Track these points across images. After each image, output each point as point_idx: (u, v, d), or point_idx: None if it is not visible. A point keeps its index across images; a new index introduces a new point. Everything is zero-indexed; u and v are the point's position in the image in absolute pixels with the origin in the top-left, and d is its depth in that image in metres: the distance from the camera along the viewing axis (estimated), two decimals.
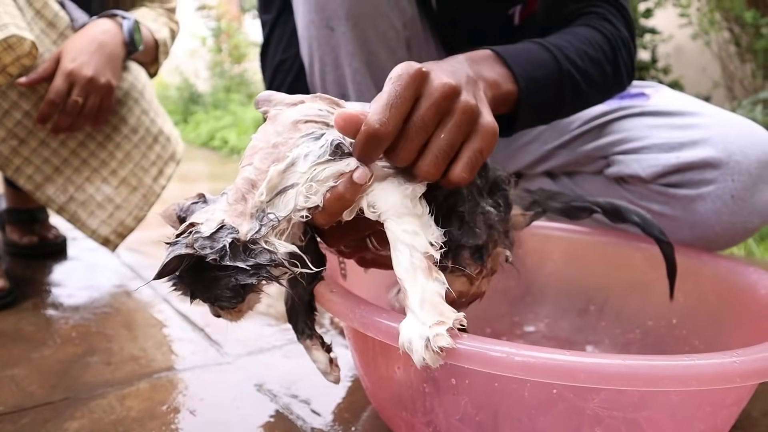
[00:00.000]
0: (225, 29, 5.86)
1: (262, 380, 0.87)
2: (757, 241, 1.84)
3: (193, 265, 0.51)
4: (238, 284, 0.51)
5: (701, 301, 0.83)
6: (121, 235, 1.25)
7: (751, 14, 2.24)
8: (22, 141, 1.14)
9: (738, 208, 0.84)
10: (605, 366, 0.47)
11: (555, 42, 0.81)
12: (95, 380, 0.87)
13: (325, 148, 0.53)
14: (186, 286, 0.53)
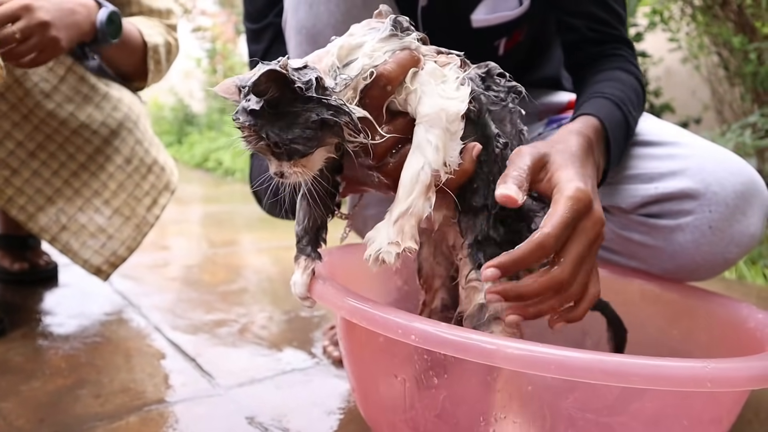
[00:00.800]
0: (220, 51, 5.89)
1: (253, 412, 0.86)
2: (748, 264, 1.85)
3: (273, 102, 0.53)
4: (318, 119, 0.54)
5: (695, 338, 0.84)
6: (113, 265, 1.25)
7: (739, 39, 2.27)
8: (14, 171, 1.14)
9: (716, 239, 0.84)
10: (577, 359, 0.48)
11: (620, 96, 0.85)
12: (84, 413, 0.86)
13: (387, 23, 0.60)
14: (262, 128, 0.54)
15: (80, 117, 1.19)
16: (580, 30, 0.95)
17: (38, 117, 1.13)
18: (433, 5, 1.01)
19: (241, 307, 1.36)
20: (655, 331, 0.88)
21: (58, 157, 1.19)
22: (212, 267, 1.76)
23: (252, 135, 0.55)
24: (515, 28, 1.04)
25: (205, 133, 5.18)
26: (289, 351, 1.10)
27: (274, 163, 0.58)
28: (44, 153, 1.17)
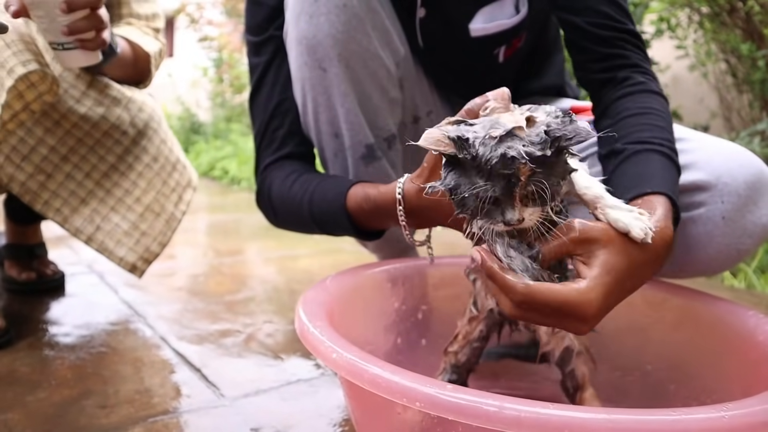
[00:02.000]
0: (226, 60, 5.93)
1: (259, 423, 0.86)
2: (757, 273, 1.83)
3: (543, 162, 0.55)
4: (568, 172, 0.58)
5: (701, 344, 0.82)
6: (147, 261, 1.27)
7: (747, 46, 2.27)
8: (48, 176, 1.18)
9: (729, 230, 0.84)
10: (590, 420, 0.47)
11: (664, 139, 0.81)
12: (90, 424, 0.85)
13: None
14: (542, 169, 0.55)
15: (110, 119, 1.22)
16: (582, 27, 0.92)
17: (70, 121, 1.17)
18: (431, 16, 1.01)
19: (246, 317, 1.36)
20: (659, 336, 0.87)
21: (89, 160, 1.22)
22: (218, 276, 1.76)
23: (522, 179, 0.55)
24: (514, 36, 1.04)
25: (212, 142, 5.21)
26: (294, 361, 1.09)
27: (518, 209, 0.57)
28: (76, 156, 1.20)
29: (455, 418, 0.51)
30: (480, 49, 1.04)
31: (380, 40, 0.92)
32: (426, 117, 1.10)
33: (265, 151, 1.02)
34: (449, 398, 0.51)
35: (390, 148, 0.98)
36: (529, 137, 0.55)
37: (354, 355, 0.57)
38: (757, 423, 0.50)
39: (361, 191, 0.85)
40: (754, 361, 0.72)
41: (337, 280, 0.84)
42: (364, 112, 0.94)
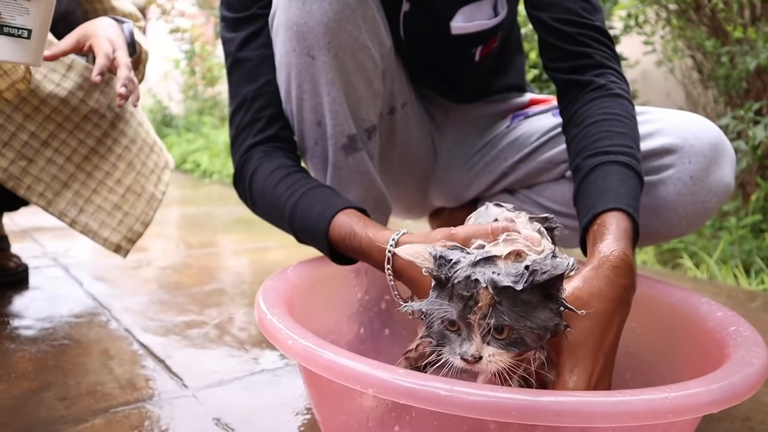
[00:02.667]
0: (198, 52, 5.85)
1: (220, 414, 0.86)
2: (719, 264, 1.88)
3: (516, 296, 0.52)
4: (557, 323, 0.54)
5: (655, 332, 0.85)
6: (131, 241, 1.29)
7: (712, 43, 2.31)
8: (30, 161, 1.19)
9: (697, 188, 0.90)
10: (538, 403, 0.48)
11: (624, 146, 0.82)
12: (49, 417, 0.84)
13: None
14: (503, 304, 0.53)
15: (89, 103, 1.23)
16: (548, 24, 0.94)
17: (50, 106, 1.18)
18: (415, 11, 1.01)
19: (214, 308, 1.35)
20: None
21: (69, 144, 1.23)
22: (188, 269, 1.75)
23: (484, 309, 0.52)
24: (491, 37, 1.05)
25: (183, 135, 5.15)
26: (259, 352, 1.09)
27: (476, 344, 0.54)
28: (56, 141, 1.21)
29: (407, 402, 0.51)
30: (459, 47, 1.05)
31: (369, 32, 0.92)
32: (401, 109, 1.10)
33: (247, 129, 0.98)
34: (402, 383, 0.51)
35: (370, 140, 0.99)
36: (507, 268, 0.54)
37: (309, 341, 0.58)
38: (698, 404, 0.52)
39: (347, 225, 0.81)
40: (705, 347, 0.74)
41: (298, 270, 0.84)
42: (349, 102, 0.94)
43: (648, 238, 0.96)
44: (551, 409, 0.48)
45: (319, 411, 0.71)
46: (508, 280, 0.52)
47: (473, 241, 0.63)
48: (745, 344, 0.66)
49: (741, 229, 2.00)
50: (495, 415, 0.48)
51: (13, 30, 0.87)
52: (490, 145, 1.15)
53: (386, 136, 1.09)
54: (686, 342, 0.79)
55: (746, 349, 0.64)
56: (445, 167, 1.21)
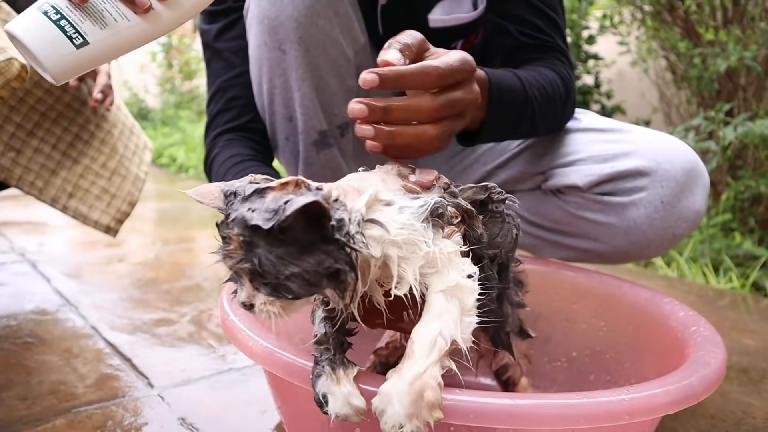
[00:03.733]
0: (176, 45, 5.78)
1: (186, 413, 0.85)
2: (689, 263, 1.90)
3: (272, 236, 0.45)
4: (331, 267, 0.46)
5: (621, 330, 0.86)
6: (120, 221, 1.33)
7: (685, 44, 2.34)
8: (18, 152, 1.23)
9: (668, 214, 0.90)
10: (495, 405, 0.48)
11: (525, 75, 0.88)
12: (8, 417, 0.83)
13: (425, 210, 0.51)
14: (258, 246, 0.46)
15: (71, 90, 1.27)
16: (513, 34, 0.97)
17: (35, 97, 1.22)
18: (392, 4, 1.01)
19: (184, 306, 1.33)
20: (585, 325, 0.90)
21: (54, 132, 1.27)
22: (161, 265, 1.73)
23: (238, 252, 0.47)
24: (471, 32, 1.05)
25: (160, 129, 5.08)
26: (228, 350, 1.08)
27: (247, 290, 0.49)
28: (41, 130, 1.25)
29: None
30: (438, 41, 1.04)
31: (342, 27, 0.92)
32: None
33: (219, 116, 0.99)
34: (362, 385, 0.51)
35: (342, 136, 0.98)
36: (272, 203, 0.45)
37: (270, 343, 0.57)
38: (656, 405, 0.52)
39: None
40: (667, 346, 0.75)
41: None
42: (320, 98, 0.93)
43: (618, 258, 0.97)
44: (508, 412, 0.48)
45: (283, 413, 0.71)
46: (260, 217, 0.44)
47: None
48: (705, 344, 0.67)
49: (711, 228, 2.03)
50: (452, 418, 0.48)
51: (69, 29, 0.60)
52: (471, 149, 1.15)
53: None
54: (651, 341, 0.80)
55: (705, 350, 0.65)
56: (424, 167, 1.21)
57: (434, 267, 0.51)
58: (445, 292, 0.51)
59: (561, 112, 0.96)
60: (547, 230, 1.02)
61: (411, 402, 0.46)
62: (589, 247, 0.97)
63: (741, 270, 1.83)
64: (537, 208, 1.03)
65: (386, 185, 0.54)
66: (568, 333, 0.92)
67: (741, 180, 2.13)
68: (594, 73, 3.02)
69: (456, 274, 0.52)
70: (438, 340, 0.48)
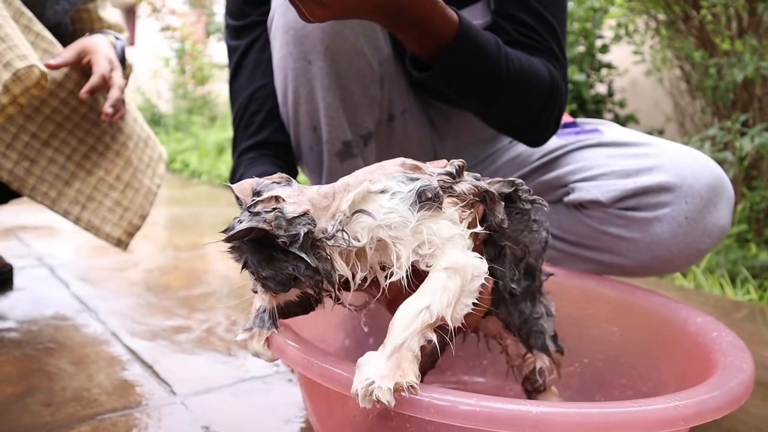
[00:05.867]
0: (189, 51, 5.82)
1: (209, 421, 0.85)
2: (706, 274, 1.89)
3: (260, 238, 0.53)
4: (292, 274, 0.53)
5: (635, 335, 0.86)
6: (130, 234, 1.32)
7: (700, 54, 2.33)
8: (33, 161, 1.23)
9: (691, 230, 0.90)
10: (558, 415, 0.49)
11: (505, 47, 0.86)
12: (33, 423, 0.83)
13: (412, 193, 0.55)
14: (243, 255, 0.55)
15: (88, 102, 1.25)
16: (509, 32, 0.95)
17: (50, 107, 1.22)
18: None
19: (202, 313, 1.34)
20: (597, 330, 0.91)
21: (69, 143, 1.26)
22: (175, 271, 1.74)
23: (236, 254, 0.56)
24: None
25: (172, 134, 5.11)
26: (248, 358, 1.08)
27: (252, 280, 0.57)
28: (56, 140, 1.24)
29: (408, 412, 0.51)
30: None
31: (367, 38, 0.92)
32: (401, 116, 1.10)
33: (241, 133, 1.02)
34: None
35: (366, 146, 0.99)
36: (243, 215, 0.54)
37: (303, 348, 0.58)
38: (705, 410, 0.53)
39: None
40: (686, 350, 0.76)
41: None
42: (345, 108, 0.94)
43: (640, 272, 0.97)
44: (573, 421, 0.49)
45: (317, 415, 0.71)
46: (239, 227, 0.52)
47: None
48: (731, 350, 0.67)
49: (727, 239, 2.02)
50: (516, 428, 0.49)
51: None
52: (491, 159, 1.15)
53: (385, 143, 1.09)
54: (667, 346, 0.81)
55: (734, 355, 0.66)
56: None
57: (432, 247, 0.54)
58: (447, 269, 0.54)
59: (540, 107, 0.91)
60: (569, 243, 1.02)
61: (388, 367, 0.50)
62: (611, 261, 0.97)
63: (758, 281, 1.82)
64: (559, 222, 1.02)
65: (385, 171, 0.58)
66: (580, 338, 0.93)
67: (756, 191, 2.12)
68: (607, 82, 3.02)
69: (459, 253, 0.55)
70: (423, 313, 0.52)
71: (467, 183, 0.61)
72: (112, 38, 1.29)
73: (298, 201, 0.54)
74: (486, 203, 0.62)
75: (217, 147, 4.35)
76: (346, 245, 0.53)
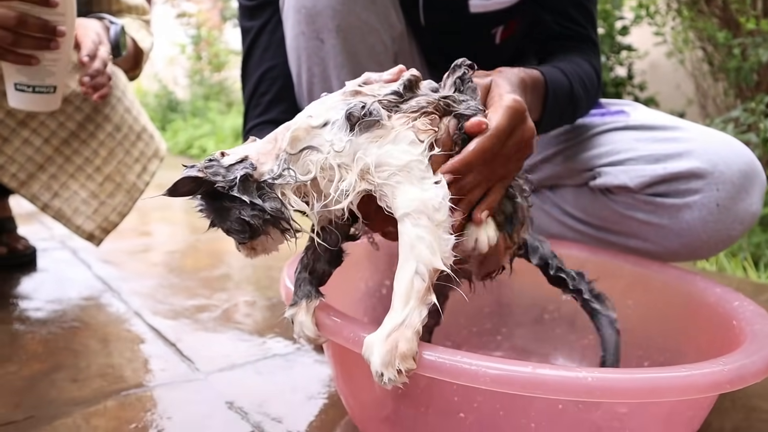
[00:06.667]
0: (205, 37, 5.82)
1: (233, 398, 0.86)
2: (728, 257, 1.87)
3: (210, 193, 0.54)
4: (241, 218, 0.54)
5: (651, 308, 0.86)
6: (105, 231, 1.27)
7: (724, 35, 2.28)
8: (5, 140, 1.16)
9: (722, 216, 0.88)
10: (614, 381, 0.50)
11: (569, 70, 0.90)
12: (61, 398, 0.84)
13: (342, 116, 0.55)
14: (208, 213, 0.56)
15: (71, 85, 1.19)
16: (549, 24, 0.98)
17: None
18: None
19: (223, 293, 1.35)
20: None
21: (48, 126, 1.20)
22: (195, 253, 1.75)
23: (204, 213, 0.57)
24: (511, 18, 1.04)
25: (189, 120, 5.13)
26: (270, 337, 1.09)
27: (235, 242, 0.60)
28: (35, 121, 1.18)
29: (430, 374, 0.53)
30: (478, 26, 1.04)
31: (379, 14, 0.92)
32: None
33: (250, 113, 1.02)
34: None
35: None
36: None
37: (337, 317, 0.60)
38: (747, 374, 0.54)
39: None
40: (706, 320, 0.76)
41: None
42: None
43: (668, 257, 0.96)
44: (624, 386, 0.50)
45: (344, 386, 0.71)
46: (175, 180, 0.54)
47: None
48: (756, 318, 0.68)
49: None
50: (572, 394, 0.50)
51: (43, 89, 1.01)
52: None
53: None
54: (686, 316, 0.81)
55: (761, 323, 0.66)
56: None
57: (386, 172, 0.53)
58: (410, 215, 0.52)
59: (592, 102, 0.99)
60: (594, 227, 1.00)
61: (386, 352, 0.50)
62: (637, 247, 0.96)
63: None
64: (584, 206, 1.01)
65: (327, 104, 0.58)
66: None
67: None
68: (627, 65, 2.97)
69: (415, 188, 0.53)
70: (415, 282, 0.51)
71: (421, 97, 0.59)
72: (106, 22, 1.23)
73: (237, 151, 0.56)
74: (449, 114, 0.61)
75: (234, 132, 4.36)
76: (294, 181, 0.55)
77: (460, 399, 0.57)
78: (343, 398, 0.75)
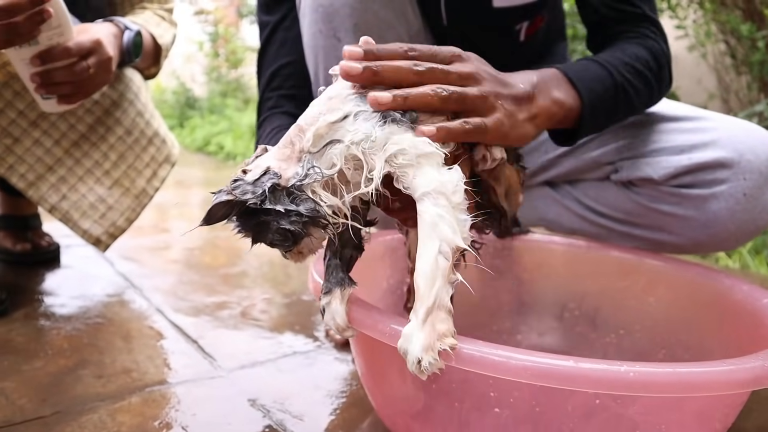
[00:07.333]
0: (222, 34, 5.85)
1: (255, 395, 0.86)
2: (752, 254, 1.84)
3: (245, 211, 0.54)
4: (282, 228, 0.54)
5: (674, 305, 0.86)
6: (112, 236, 1.26)
7: (747, 27, 2.25)
8: (16, 140, 1.16)
9: (750, 206, 0.87)
10: (652, 375, 0.49)
11: (608, 59, 0.85)
12: (86, 394, 0.86)
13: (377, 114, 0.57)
14: (247, 231, 0.56)
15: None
16: (595, 6, 0.94)
17: None
18: None
19: (242, 290, 1.36)
20: (633, 301, 0.91)
21: (59, 127, 1.20)
22: (213, 250, 1.76)
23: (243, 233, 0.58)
24: (536, 13, 1.03)
25: (207, 117, 5.16)
26: (290, 334, 1.10)
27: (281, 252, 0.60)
28: (46, 122, 1.18)
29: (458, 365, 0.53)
30: (502, 22, 1.03)
31: (396, 11, 0.91)
32: None
33: (263, 106, 1.03)
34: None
35: None
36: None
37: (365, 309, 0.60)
38: None
39: None
40: (733, 317, 0.76)
41: None
42: None
43: (693, 249, 0.95)
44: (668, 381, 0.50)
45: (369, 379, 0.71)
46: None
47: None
48: None
49: None
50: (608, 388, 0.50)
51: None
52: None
53: None
54: (711, 314, 0.80)
55: None
56: None
57: (407, 157, 0.55)
58: (429, 195, 0.54)
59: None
60: (617, 221, 0.99)
61: (426, 336, 0.51)
62: (662, 239, 0.95)
63: None
64: (606, 199, 1.00)
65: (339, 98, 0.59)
66: (616, 310, 0.92)
67: None
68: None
69: (432, 170, 0.55)
70: (439, 261, 0.52)
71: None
72: (121, 26, 1.18)
73: (258, 164, 0.56)
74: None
75: (251, 129, 4.38)
76: (321, 177, 0.55)
77: (497, 394, 0.57)
78: (369, 394, 0.75)
